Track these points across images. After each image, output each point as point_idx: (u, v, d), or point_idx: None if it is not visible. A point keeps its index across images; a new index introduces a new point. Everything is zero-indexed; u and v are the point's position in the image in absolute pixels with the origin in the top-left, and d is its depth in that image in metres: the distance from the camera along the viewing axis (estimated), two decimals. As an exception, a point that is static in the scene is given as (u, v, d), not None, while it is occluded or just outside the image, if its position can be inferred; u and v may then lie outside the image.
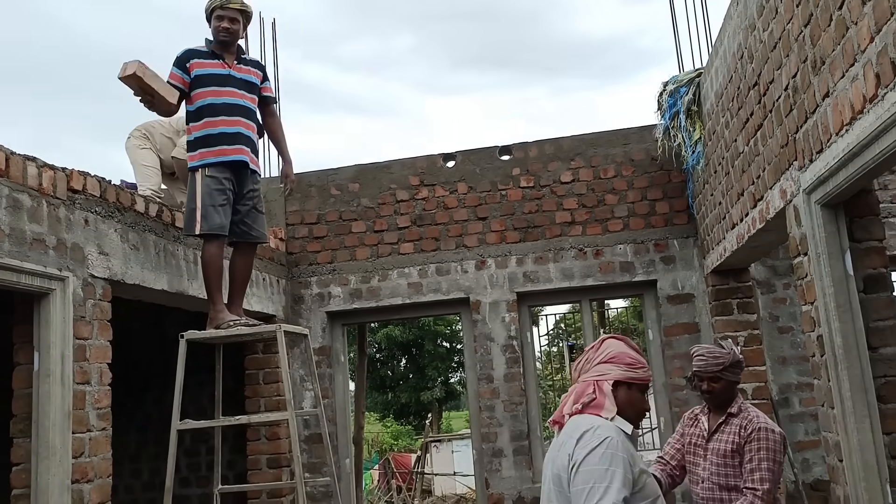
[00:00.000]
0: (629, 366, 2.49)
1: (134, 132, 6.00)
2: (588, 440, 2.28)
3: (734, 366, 3.58)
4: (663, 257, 6.40)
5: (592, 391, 2.45)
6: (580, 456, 2.26)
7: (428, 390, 29.46)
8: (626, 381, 2.48)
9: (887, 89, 2.55)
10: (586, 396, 2.45)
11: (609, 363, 2.50)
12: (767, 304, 6.34)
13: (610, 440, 2.28)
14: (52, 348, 3.79)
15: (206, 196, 4.45)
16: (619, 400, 2.45)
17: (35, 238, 3.75)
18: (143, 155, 5.87)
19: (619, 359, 2.50)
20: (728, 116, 4.85)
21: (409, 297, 6.70)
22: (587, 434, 2.30)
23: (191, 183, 4.56)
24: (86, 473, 3.94)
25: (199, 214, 4.43)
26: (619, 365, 2.49)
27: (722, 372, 3.55)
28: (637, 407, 2.50)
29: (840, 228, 3.44)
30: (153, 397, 7.43)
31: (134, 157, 5.92)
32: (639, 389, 2.51)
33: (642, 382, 2.51)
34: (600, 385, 2.46)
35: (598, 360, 2.52)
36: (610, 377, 2.47)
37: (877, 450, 3.28)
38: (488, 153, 6.81)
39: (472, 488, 15.91)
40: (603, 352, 2.54)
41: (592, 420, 2.38)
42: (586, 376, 2.52)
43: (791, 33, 3.49)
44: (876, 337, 3.39)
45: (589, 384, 2.48)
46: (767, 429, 3.45)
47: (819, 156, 3.29)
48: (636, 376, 2.49)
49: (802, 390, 6.22)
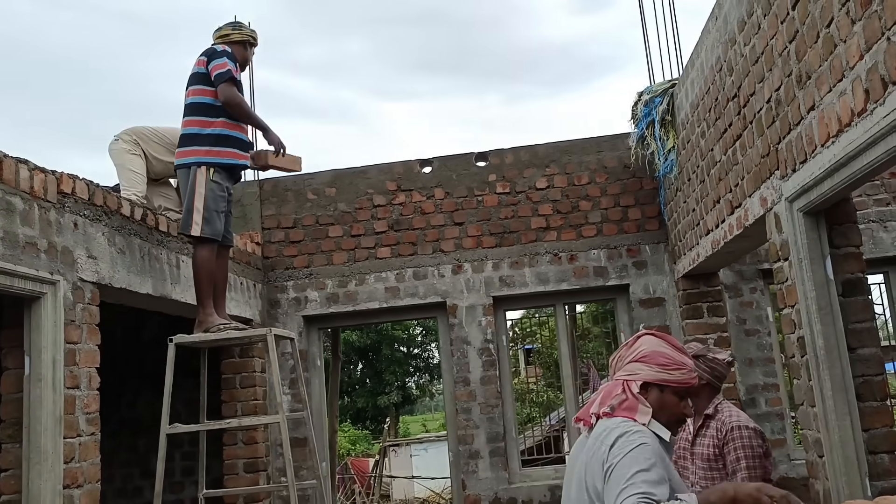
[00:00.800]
0: (662, 366, 2.29)
1: (123, 135, 5.87)
2: (622, 446, 2.10)
3: (699, 357, 3.50)
4: (635, 262, 6.56)
5: (622, 391, 2.28)
6: (614, 462, 2.08)
7: (385, 395, 29.46)
8: (657, 382, 2.29)
9: (876, 104, 2.71)
10: (615, 398, 2.28)
11: (640, 362, 2.32)
12: (735, 307, 6.55)
13: (644, 447, 2.08)
14: (44, 353, 3.76)
15: (211, 200, 4.47)
16: (650, 403, 2.26)
17: (27, 241, 3.71)
18: (133, 161, 5.74)
19: (651, 358, 2.31)
20: (704, 126, 5.02)
21: (386, 301, 6.75)
22: (621, 440, 2.12)
23: (192, 179, 4.54)
24: (76, 479, 3.91)
25: (200, 217, 4.44)
26: (651, 365, 2.30)
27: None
28: (672, 411, 2.30)
29: (821, 235, 3.60)
30: (127, 402, 7.35)
31: (121, 160, 5.78)
32: (674, 392, 2.30)
33: (678, 385, 2.30)
34: (629, 386, 2.28)
35: (630, 358, 2.35)
36: (639, 378, 2.29)
37: (856, 445, 3.45)
38: (465, 159, 6.90)
39: (434, 491, 15.98)
40: (636, 350, 2.36)
41: (626, 425, 2.18)
42: (618, 375, 2.35)
43: (775, 48, 3.65)
44: (854, 338, 3.56)
45: (618, 384, 2.31)
46: (740, 426, 3.43)
47: (803, 166, 3.45)
48: (671, 378, 2.29)
49: (768, 391, 6.44)
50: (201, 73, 4.69)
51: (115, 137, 5.76)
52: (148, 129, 5.80)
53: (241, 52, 4.90)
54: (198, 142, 4.62)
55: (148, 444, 7.48)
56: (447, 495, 15.10)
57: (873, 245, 6.26)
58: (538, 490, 6.34)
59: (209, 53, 4.73)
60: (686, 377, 2.31)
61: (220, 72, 4.62)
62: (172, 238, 5.10)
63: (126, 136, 5.74)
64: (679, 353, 2.35)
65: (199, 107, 4.68)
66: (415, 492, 18.87)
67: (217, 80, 4.63)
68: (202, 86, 4.68)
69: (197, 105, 4.68)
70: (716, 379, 3.53)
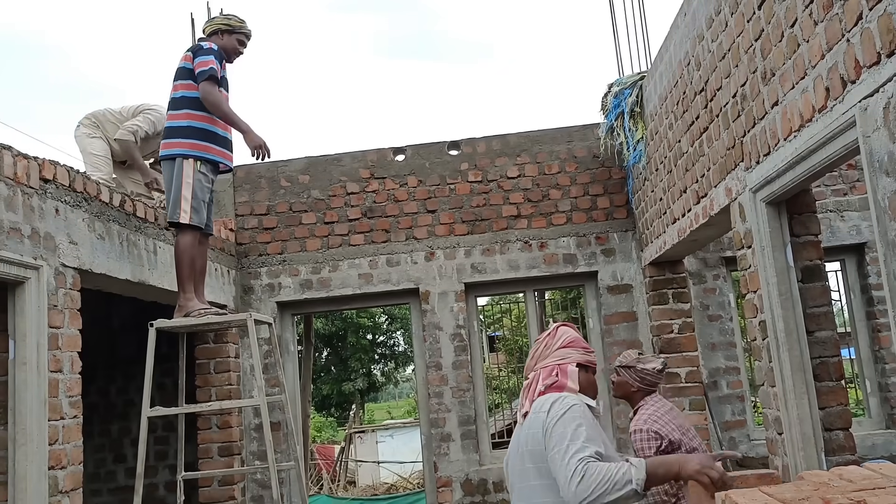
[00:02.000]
0: (585, 349, 2.66)
1: (83, 120, 5.95)
2: (557, 409, 2.40)
3: (628, 368, 3.82)
4: (604, 250, 6.75)
5: (555, 374, 2.57)
6: (551, 423, 2.38)
7: (350, 382, 29.52)
8: (584, 363, 2.62)
9: (836, 101, 2.88)
10: (550, 379, 2.57)
11: (568, 347, 2.63)
12: (699, 294, 6.78)
13: (575, 406, 2.41)
14: (28, 337, 3.80)
15: (199, 190, 4.55)
16: (580, 382, 2.57)
17: (11, 227, 3.75)
18: (93, 144, 5.84)
19: (577, 343, 2.65)
20: (672, 118, 5.20)
21: (359, 287, 6.85)
22: (555, 404, 2.42)
23: (178, 169, 4.60)
24: (60, 460, 3.97)
25: (189, 206, 4.51)
26: (577, 349, 2.64)
27: (617, 368, 3.89)
28: (594, 388, 2.66)
29: (782, 224, 3.80)
30: (98, 387, 7.36)
31: (83, 145, 5.87)
32: (592, 372, 2.67)
33: (594, 365, 2.68)
34: (563, 368, 2.58)
35: (557, 345, 2.64)
36: (572, 360, 2.60)
37: (813, 423, 3.66)
38: (437, 148, 7.02)
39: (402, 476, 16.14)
40: (560, 337, 2.66)
41: (559, 395, 2.49)
42: (546, 362, 2.63)
43: (741, 46, 3.82)
44: (812, 322, 3.77)
45: (552, 368, 2.60)
46: (636, 430, 3.67)
47: (766, 158, 3.64)
48: (591, 359, 2.66)
49: (730, 374, 6.68)
50: (188, 68, 4.74)
51: (77, 123, 5.85)
52: (105, 111, 5.89)
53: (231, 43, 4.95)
54: (183, 134, 4.68)
55: (120, 429, 7.52)
56: (414, 480, 15.26)
57: (831, 234, 6.52)
58: (508, 471, 6.52)
59: (195, 49, 4.77)
60: (595, 358, 2.71)
61: (202, 69, 4.66)
62: (150, 224, 5.15)
63: (86, 121, 5.82)
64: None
65: (184, 101, 4.74)
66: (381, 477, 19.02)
67: (199, 77, 4.67)
68: (188, 80, 4.73)
69: (183, 99, 4.74)
70: (647, 385, 3.81)
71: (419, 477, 15.54)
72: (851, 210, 6.66)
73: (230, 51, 4.99)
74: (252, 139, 4.75)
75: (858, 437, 3.79)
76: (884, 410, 6.62)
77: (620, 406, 6.35)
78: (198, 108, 4.72)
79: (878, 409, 6.64)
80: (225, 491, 6.34)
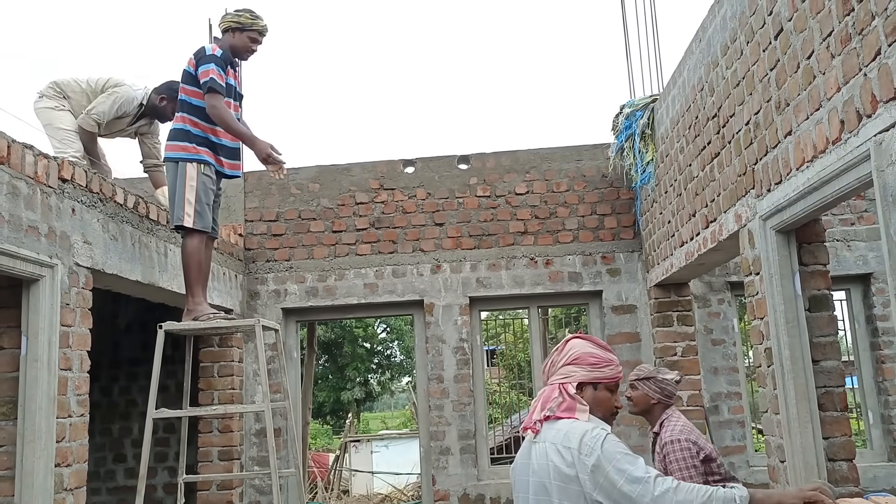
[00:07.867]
0: (592, 366, 2.45)
1: (46, 90, 5.39)
2: (592, 445, 2.24)
3: (647, 380, 3.80)
4: (609, 269, 6.78)
5: (559, 395, 2.43)
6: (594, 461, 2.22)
7: (347, 390, 29.49)
8: (590, 381, 2.44)
9: (850, 134, 2.92)
10: (553, 401, 2.43)
11: (572, 364, 2.46)
12: (703, 317, 6.80)
13: (608, 435, 2.27)
14: (41, 334, 3.83)
15: (203, 193, 4.58)
16: (586, 400, 2.41)
17: (30, 225, 3.79)
18: (61, 117, 5.34)
19: (582, 359, 2.46)
20: (683, 142, 5.24)
21: (364, 297, 6.89)
22: (585, 438, 2.27)
23: (182, 171, 4.62)
24: (66, 458, 3.99)
25: (192, 209, 4.54)
26: (582, 366, 2.45)
27: (634, 382, 3.85)
28: (605, 406, 2.46)
29: (791, 252, 3.83)
30: (101, 387, 7.38)
31: (48, 118, 5.32)
32: (606, 388, 2.46)
33: (609, 381, 2.47)
34: (566, 388, 2.43)
35: (563, 362, 2.49)
36: (573, 379, 2.44)
37: (816, 452, 3.68)
38: (447, 161, 7.07)
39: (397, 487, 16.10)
40: (567, 353, 2.50)
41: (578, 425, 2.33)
42: (553, 379, 2.49)
43: (756, 74, 3.86)
44: (818, 351, 3.80)
45: (555, 388, 2.46)
46: (672, 441, 3.60)
47: (778, 186, 3.67)
48: (602, 376, 2.45)
49: (731, 399, 6.70)
50: (191, 73, 4.73)
51: (38, 94, 5.37)
52: (72, 80, 5.43)
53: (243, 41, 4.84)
54: (189, 139, 4.68)
55: (121, 428, 7.54)
56: (409, 492, 15.23)
57: (837, 263, 6.55)
58: (506, 487, 6.52)
59: (198, 56, 4.71)
60: (614, 372, 2.48)
61: (204, 80, 4.61)
62: (162, 227, 5.18)
63: (49, 91, 5.35)
64: (605, 351, 2.51)
65: (190, 107, 4.73)
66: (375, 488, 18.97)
67: (202, 87, 4.63)
68: (193, 87, 4.72)
69: (189, 105, 4.73)
70: (665, 397, 3.79)
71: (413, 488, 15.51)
72: (858, 240, 6.70)
73: (242, 49, 4.86)
74: (259, 149, 4.68)
75: (860, 468, 3.80)
76: (886, 442, 6.62)
77: (621, 427, 6.36)
78: (198, 116, 4.71)
79: (881, 440, 6.65)
80: (223, 496, 6.36)
